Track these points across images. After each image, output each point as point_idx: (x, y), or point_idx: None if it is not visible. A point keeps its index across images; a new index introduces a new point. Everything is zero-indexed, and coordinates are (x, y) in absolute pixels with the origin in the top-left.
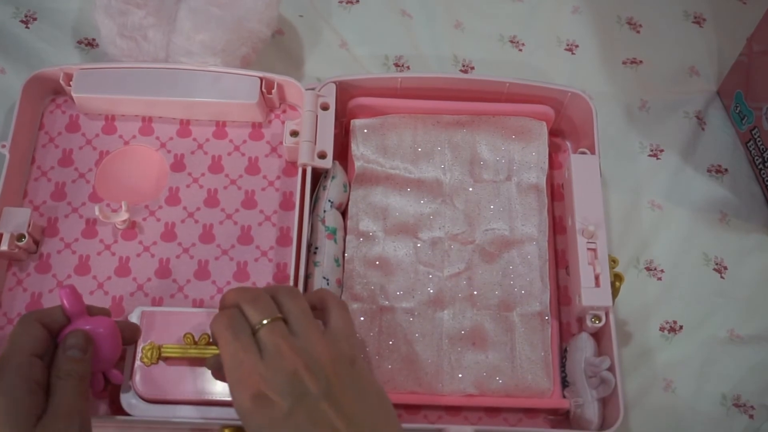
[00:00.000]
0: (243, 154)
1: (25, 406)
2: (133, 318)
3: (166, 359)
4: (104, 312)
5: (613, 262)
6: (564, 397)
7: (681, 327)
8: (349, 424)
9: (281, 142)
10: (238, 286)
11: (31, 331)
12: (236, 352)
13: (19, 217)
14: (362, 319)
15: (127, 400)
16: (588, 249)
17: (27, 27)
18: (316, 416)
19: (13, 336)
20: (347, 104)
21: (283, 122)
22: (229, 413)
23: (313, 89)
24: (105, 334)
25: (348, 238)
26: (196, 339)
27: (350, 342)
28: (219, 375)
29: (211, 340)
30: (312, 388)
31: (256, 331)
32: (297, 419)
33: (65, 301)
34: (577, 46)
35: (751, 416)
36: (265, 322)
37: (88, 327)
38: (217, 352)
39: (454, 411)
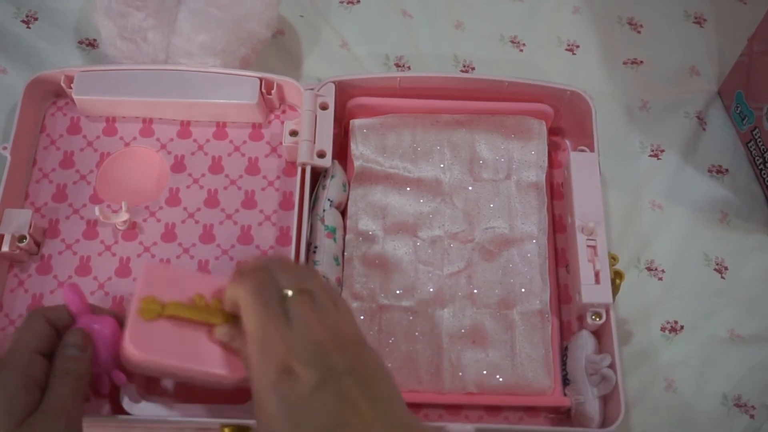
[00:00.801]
0: (243, 155)
1: (18, 402)
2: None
3: (168, 318)
4: (111, 312)
5: (613, 259)
6: (565, 395)
7: (682, 327)
8: (370, 402)
9: (281, 143)
10: (260, 255)
11: (35, 328)
12: (265, 321)
13: (21, 219)
14: (362, 317)
15: (127, 399)
16: (588, 246)
17: (28, 27)
18: (342, 392)
19: (18, 332)
20: (346, 104)
21: (282, 122)
22: (229, 412)
23: (312, 89)
24: (108, 333)
25: (347, 237)
26: (208, 302)
27: (355, 323)
28: (230, 346)
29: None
30: (338, 364)
31: (284, 299)
32: (323, 394)
33: (67, 299)
34: (577, 47)
35: (751, 416)
36: (291, 292)
37: (96, 326)
38: (228, 318)
39: (454, 409)
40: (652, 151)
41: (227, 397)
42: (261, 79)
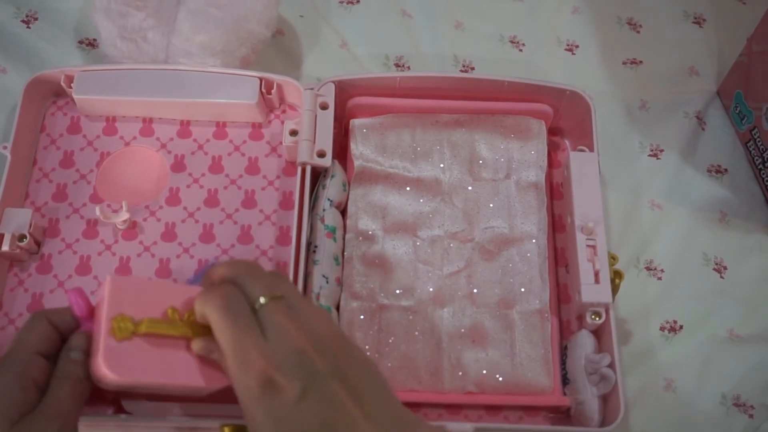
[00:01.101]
0: (243, 155)
1: (13, 402)
2: None
3: (143, 336)
4: None
5: (613, 259)
6: (564, 394)
7: (681, 327)
8: (358, 402)
9: (281, 142)
10: (228, 260)
11: (37, 329)
12: (239, 337)
13: (21, 218)
14: (362, 317)
15: (127, 399)
16: (587, 246)
17: (28, 27)
18: (328, 397)
19: (20, 333)
20: (346, 104)
21: (282, 122)
22: (228, 411)
23: (312, 89)
24: None
25: (347, 236)
26: (182, 315)
27: (332, 320)
28: (210, 360)
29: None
30: (321, 368)
31: (256, 309)
32: (309, 402)
33: (71, 303)
34: (577, 47)
35: (750, 416)
36: (265, 299)
37: None
38: (205, 331)
39: (454, 409)
40: (652, 150)
41: (227, 396)
42: (261, 79)
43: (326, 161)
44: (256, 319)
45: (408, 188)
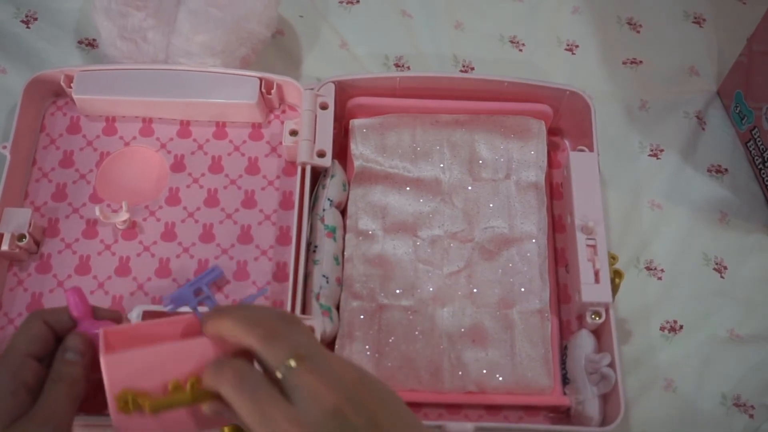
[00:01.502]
0: (243, 155)
1: (4, 406)
2: (132, 318)
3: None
4: (113, 316)
5: (613, 258)
6: (564, 394)
7: (681, 327)
8: None
9: (281, 142)
10: (234, 314)
11: (31, 331)
12: (263, 411)
13: (20, 218)
14: (362, 317)
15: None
16: (587, 245)
17: (28, 27)
18: None
19: (15, 335)
20: (346, 104)
21: (282, 122)
22: None
23: (312, 89)
24: None
25: (347, 236)
26: (185, 384)
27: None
28: (221, 420)
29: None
30: (356, 423)
31: (281, 376)
32: None
33: (69, 303)
34: (577, 46)
35: (751, 416)
36: (288, 365)
37: (98, 331)
38: (212, 394)
39: (454, 409)
40: (652, 150)
41: None
42: (261, 79)
43: (326, 161)
44: (277, 385)
45: (408, 188)
